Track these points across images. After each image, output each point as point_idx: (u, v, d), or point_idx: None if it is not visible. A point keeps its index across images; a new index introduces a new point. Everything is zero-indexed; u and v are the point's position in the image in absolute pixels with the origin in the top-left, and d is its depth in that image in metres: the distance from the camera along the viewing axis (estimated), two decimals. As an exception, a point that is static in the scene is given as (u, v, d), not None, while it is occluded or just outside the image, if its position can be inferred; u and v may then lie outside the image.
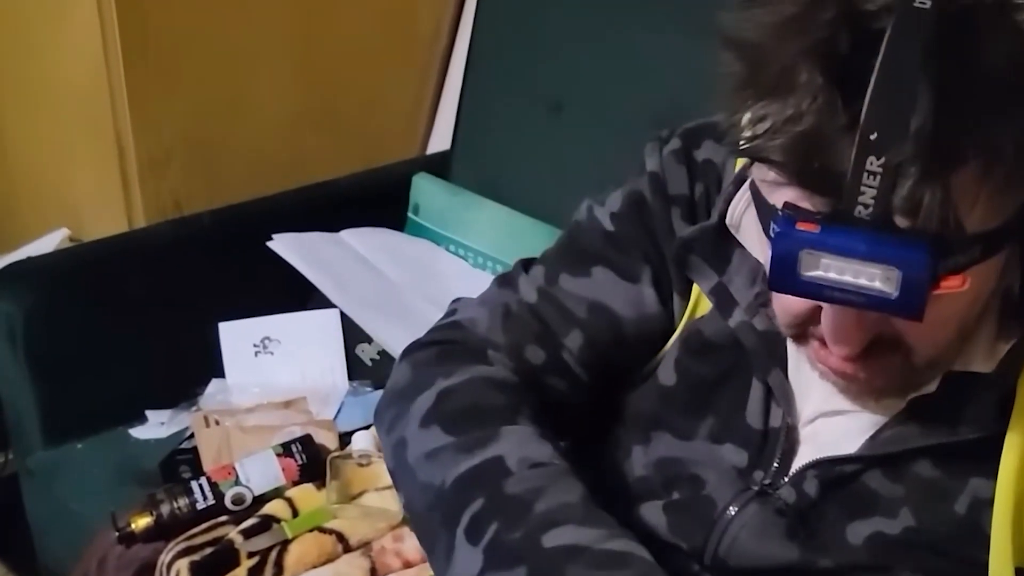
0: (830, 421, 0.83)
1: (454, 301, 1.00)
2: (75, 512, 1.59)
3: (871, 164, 0.60)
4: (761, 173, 0.70)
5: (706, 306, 0.90)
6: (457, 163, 2.05)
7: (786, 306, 0.75)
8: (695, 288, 0.91)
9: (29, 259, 1.81)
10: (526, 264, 0.98)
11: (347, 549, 1.29)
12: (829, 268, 0.64)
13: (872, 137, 0.60)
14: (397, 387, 0.92)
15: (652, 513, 0.88)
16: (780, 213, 0.66)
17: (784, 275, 0.65)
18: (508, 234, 1.81)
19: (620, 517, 0.85)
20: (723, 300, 0.87)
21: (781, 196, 0.68)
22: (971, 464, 0.77)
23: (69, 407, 1.70)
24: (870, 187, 0.61)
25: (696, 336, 0.89)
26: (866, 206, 0.62)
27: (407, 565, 1.27)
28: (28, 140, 2.13)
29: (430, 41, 2.16)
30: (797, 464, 0.84)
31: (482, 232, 1.86)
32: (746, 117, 0.66)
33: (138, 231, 1.89)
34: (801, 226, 0.64)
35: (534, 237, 1.70)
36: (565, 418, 0.94)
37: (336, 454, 1.39)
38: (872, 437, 0.80)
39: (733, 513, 0.84)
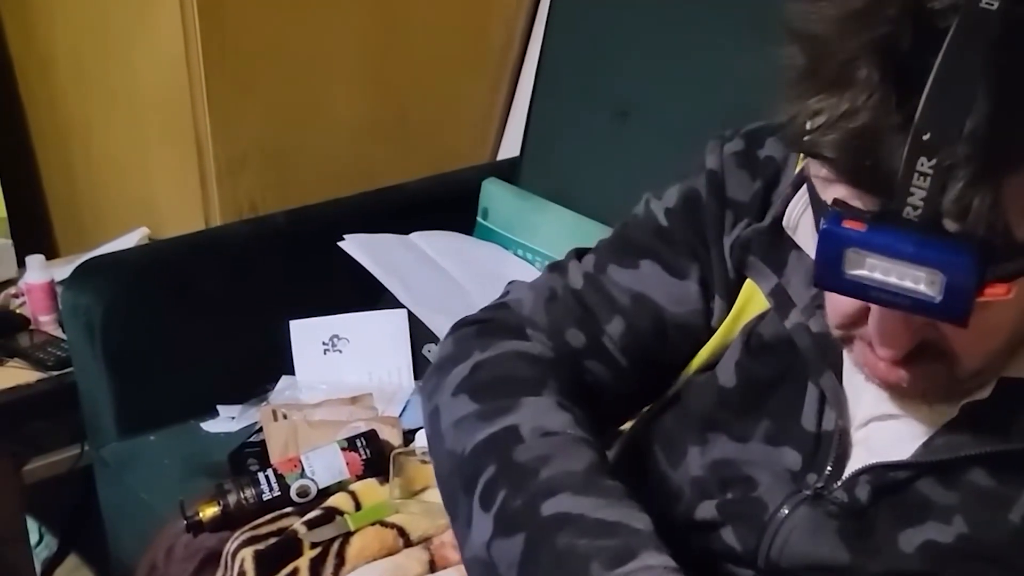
0: (883, 426, 0.83)
1: (509, 283, 1.02)
2: (146, 502, 1.62)
3: (922, 165, 0.60)
4: (815, 169, 0.70)
5: (755, 308, 0.90)
6: (526, 169, 2.07)
7: (836, 305, 0.74)
8: (744, 289, 0.91)
9: (108, 255, 1.85)
10: (579, 252, 0.99)
11: (407, 543, 1.30)
12: (874, 268, 0.64)
13: (925, 137, 0.59)
14: (439, 359, 0.95)
15: (708, 513, 0.87)
16: (829, 210, 0.66)
17: (829, 272, 0.65)
18: (575, 238, 1.78)
19: (677, 519, 0.87)
20: (781, 301, 0.86)
21: (833, 193, 0.67)
22: None
23: (143, 400, 1.73)
24: (920, 188, 0.60)
25: (756, 338, 0.89)
26: (915, 207, 0.61)
27: None
28: (112, 142, 2.18)
29: (502, 51, 2.18)
30: (850, 469, 0.83)
31: (549, 236, 1.87)
32: (804, 111, 0.66)
33: (213, 229, 1.93)
34: (848, 224, 0.64)
35: (600, 242, 1.70)
36: (610, 407, 0.95)
37: (400, 450, 1.41)
38: (925, 444, 0.79)
39: (785, 514, 0.83)
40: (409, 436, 1.48)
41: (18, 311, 1.99)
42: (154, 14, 1.90)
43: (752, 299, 0.90)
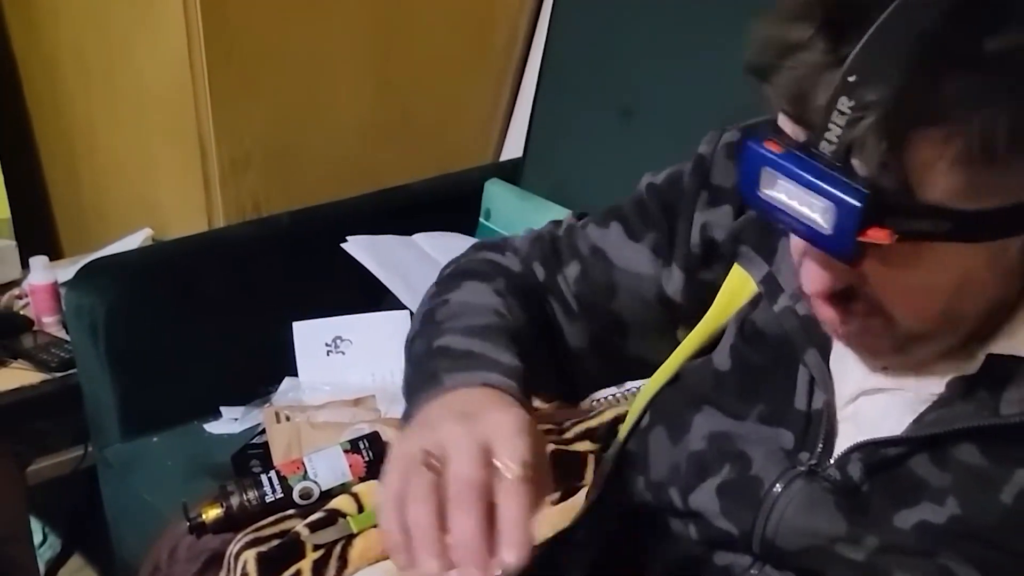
0: (871, 400, 0.84)
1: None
2: (149, 503, 1.63)
3: (843, 104, 0.64)
4: (765, 92, 0.73)
5: (746, 295, 0.92)
6: (529, 170, 2.07)
7: (791, 253, 0.79)
8: (734, 276, 0.93)
9: (112, 255, 1.86)
10: (582, 214, 1.08)
11: (410, 545, 1.30)
12: (782, 191, 0.69)
13: (851, 79, 0.63)
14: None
15: (704, 498, 0.88)
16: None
17: (748, 188, 0.71)
18: (578, 240, 1.82)
19: (678, 500, 0.89)
20: (771, 288, 0.89)
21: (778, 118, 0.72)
22: (1018, 453, 0.76)
23: (146, 401, 1.74)
24: (837, 126, 0.65)
25: (749, 325, 0.91)
26: (830, 142, 0.65)
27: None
28: (115, 143, 2.18)
29: (505, 51, 2.18)
30: (840, 446, 0.84)
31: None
32: (761, 37, 0.70)
33: (217, 231, 1.94)
34: (768, 145, 0.69)
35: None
36: (567, 353, 1.03)
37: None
38: (915, 420, 0.80)
39: (780, 490, 0.84)
40: (412, 438, 1.48)
41: (22, 312, 2.00)
42: (157, 15, 1.90)
43: (744, 287, 0.92)
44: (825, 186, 0.66)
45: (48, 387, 1.81)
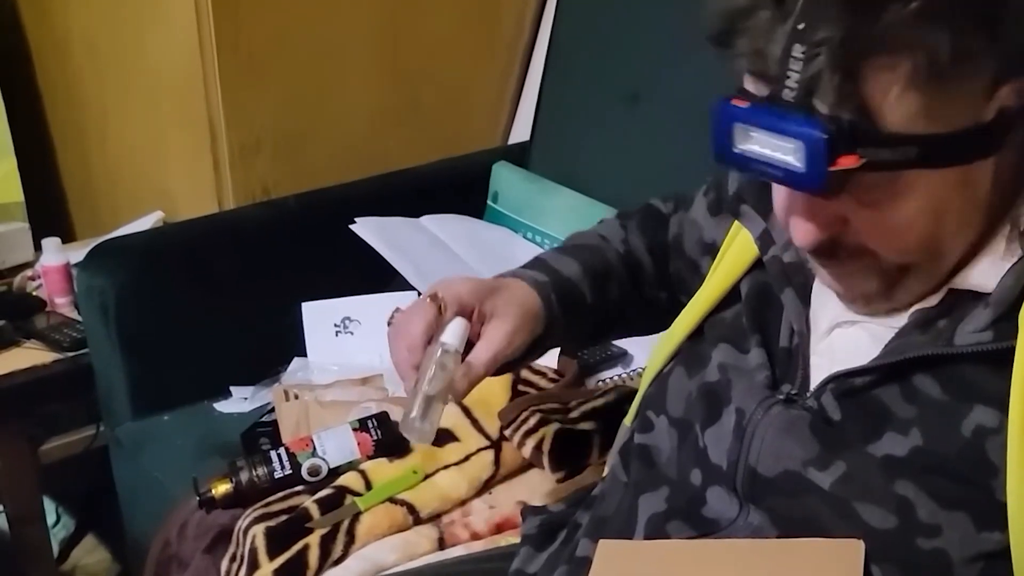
0: (845, 333, 0.88)
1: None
2: (160, 481, 1.64)
3: (796, 51, 0.69)
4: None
5: (741, 253, 1.00)
6: (536, 153, 2.08)
7: (776, 211, 0.84)
8: (736, 238, 1.00)
9: (122, 237, 1.87)
10: None
11: (417, 521, 1.32)
12: (754, 143, 0.74)
13: (800, 27, 0.69)
14: None
15: (719, 433, 0.93)
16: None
17: (722, 147, 0.76)
18: (584, 222, 1.79)
19: (699, 435, 0.94)
20: (765, 243, 0.95)
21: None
22: (976, 389, 0.79)
23: (157, 381, 1.75)
24: (794, 72, 0.69)
25: (759, 278, 0.97)
26: (791, 89, 0.70)
27: (475, 537, 1.30)
28: (127, 128, 2.20)
29: (513, 36, 2.19)
30: (815, 379, 0.88)
31: (558, 220, 1.88)
32: (718, 9, 0.75)
33: (226, 213, 1.95)
34: (735, 102, 0.74)
35: (610, 225, 1.71)
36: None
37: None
38: (882, 351, 0.84)
39: (760, 416, 0.88)
40: (419, 417, 1.49)
41: (35, 293, 2.02)
42: (168, 1, 1.91)
43: (748, 247, 0.98)
44: (792, 126, 0.71)
45: (60, 367, 1.83)
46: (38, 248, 2.03)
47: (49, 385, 1.83)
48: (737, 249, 1.00)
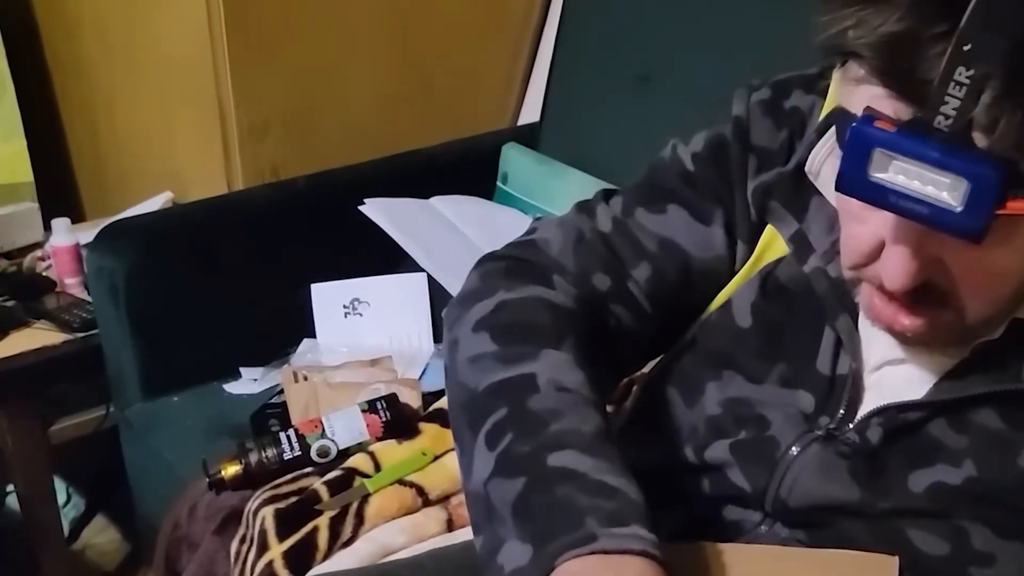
0: (896, 369, 0.83)
1: (536, 219, 1.02)
2: (169, 462, 1.65)
3: (960, 74, 0.60)
4: (849, 73, 0.70)
5: (774, 252, 0.90)
6: (546, 134, 2.07)
7: (852, 241, 0.75)
8: (765, 233, 0.91)
9: (132, 218, 1.87)
10: (607, 194, 1.00)
11: (426, 503, 1.31)
12: (899, 172, 0.64)
13: (965, 48, 0.60)
14: (463, 292, 0.95)
15: (720, 453, 0.89)
16: (860, 115, 0.66)
17: (854, 173, 0.66)
18: (594, 203, 1.82)
19: (689, 460, 0.88)
20: (801, 246, 0.87)
21: (862, 98, 0.68)
22: None
23: (167, 362, 1.75)
24: (954, 97, 0.61)
25: (773, 281, 0.90)
26: (947, 116, 0.61)
27: None
28: (136, 108, 2.19)
29: (523, 16, 2.17)
30: (862, 412, 0.84)
31: (568, 201, 1.82)
32: (841, 20, 0.67)
33: (236, 193, 1.94)
34: (880, 124, 0.64)
35: (620, 207, 1.71)
36: (630, 351, 0.96)
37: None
38: (936, 385, 0.80)
39: (795, 453, 0.84)
40: (428, 398, 1.49)
41: (44, 274, 2.02)
42: (177, -22, 1.91)
43: (772, 245, 0.91)
44: (956, 162, 0.62)
45: (70, 347, 1.82)
46: (48, 228, 2.03)
47: (59, 366, 1.83)
48: (759, 249, 0.92)
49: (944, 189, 0.63)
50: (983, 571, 0.77)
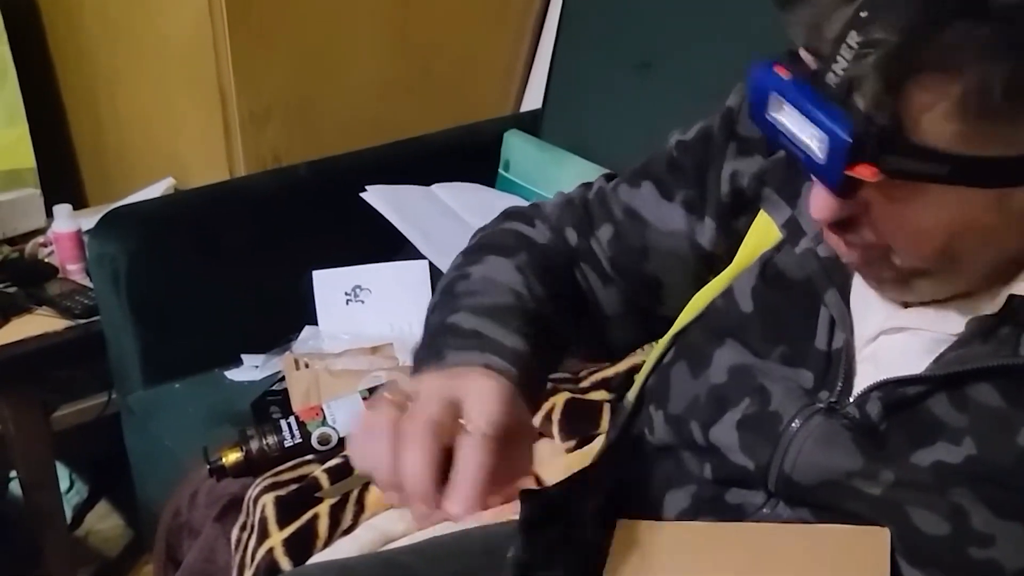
0: (892, 339, 0.84)
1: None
2: (171, 449, 1.65)
3: (852, 38, 0.65)
4: None
5: (772, 238, 0.93)
6: (548, 121, 2.07)
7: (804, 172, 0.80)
8: (758, 220, 0.94)
9: (133, 204, 1.87)
10: (609, 176, 1.07)
11: (427, 490, 1.32)
12: (787, 117, 0.71)
13: (863, 15, 0.65)
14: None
15: (726, 430, 0.89)
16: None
17: (756, 108, 0.73)
18: (595, 191, 1.82)
19: (699, 435, 0.90)
20: (793, 231, 0.90)
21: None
22: None
23: (168, 348, 1.76)
24: (844, 59, 0.66)
25: (771, 268, 0.92)
26: (836, 75, 0.67)
27: (483, 506, 1.30)
28: (138, 94, 2.19)
29: (524, 3, 2.17)
30: (859, 386, 0.84)
31: (570, 188, 1.86)
32: None
33: (238, 180, 1.94)
34: (778, 69, 0.71)
35: (622, 194, 1.71)
36: (599, 318, 1.03)
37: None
38: (936, 360, 0.81)
39: (798, 425, 0.85)
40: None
41: (46, 260, 2.02)
42: (178, -35, 1.91)
43: (767, 232, 0.93)
44: (822, 117, 0.68)
45: (72, 334, 1.83)
46: (49, 215, 2.03)
47: (61, 352, 1.83)
48: (754, 235, 0.95)
49: (814, 140, 0.69)
50: (982, 552, 0.77)
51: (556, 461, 1.34)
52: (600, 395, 1.42)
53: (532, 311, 0.94)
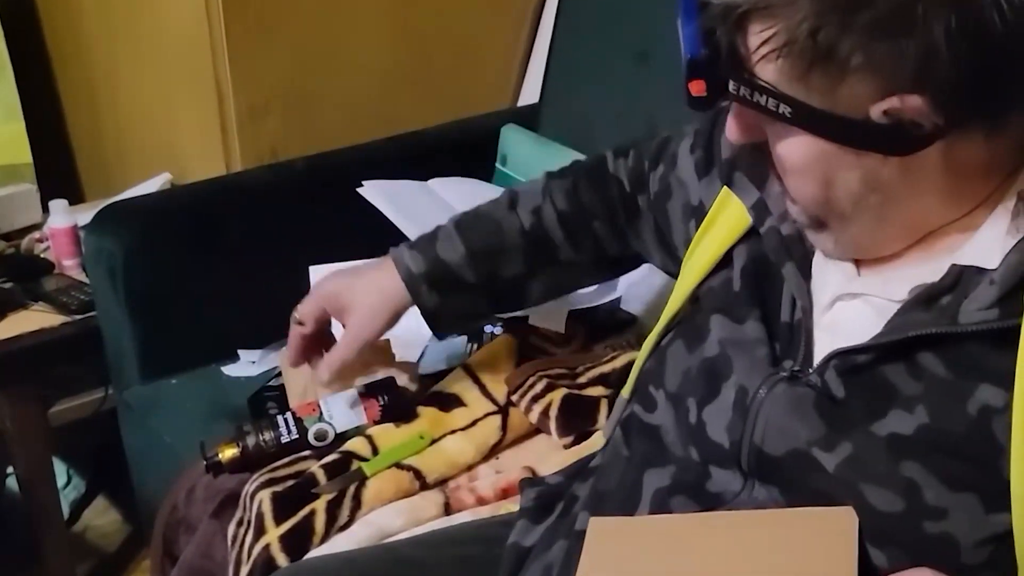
0: (848, 305, 0.89)
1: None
2: (168, 444, 1.65)
3: None
4: None
5: (729, 218, 1.02)
6: (545, 115, 2.07)
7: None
8: (720, 198, 1.02)
9: (130, 199, 1.86)
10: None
11: (424, 486, 1.32)
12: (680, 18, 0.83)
13: None
14: None
15: (717, 410, 0.92)
16: None
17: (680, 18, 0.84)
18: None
19: (694, 413, 0.94)
20: (760, 213, 0.96)
21: None
22: (981, 368, 0.78)
23: (165, 344, 1.75)
24: None
25: (756, 249, 0.97)
26: (715, 3, 0.79)
27: (481, 502, 1.30)
28: (135, 89, 2.19)
29: (523, -3, 2.17)
30: (819, 355, 0.88)
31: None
32: None
33: (234, 175, 1.94)
34: None
35: (619, 189, 1.70)
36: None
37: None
38: (882, 328, 0.84)
39: (764, 394, 0.88)
40: (426, 382, 1.49)
41: (43, 255, 2.02)
42: (175, -40, 1.90)
43: (734, 213, 0.99)
44: (688, 31, 0.81)
45: (68, 329, 1.83)
46: (46, 210, 2.03)
47: (57, 348, 1.83)
48: (728, 217, 1.00)
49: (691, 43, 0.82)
50: (936, 525, 0.79)
51: (554, 457, 1.34)
52: (597, 391, 1.42)
53: (517, 228, 1.27)
